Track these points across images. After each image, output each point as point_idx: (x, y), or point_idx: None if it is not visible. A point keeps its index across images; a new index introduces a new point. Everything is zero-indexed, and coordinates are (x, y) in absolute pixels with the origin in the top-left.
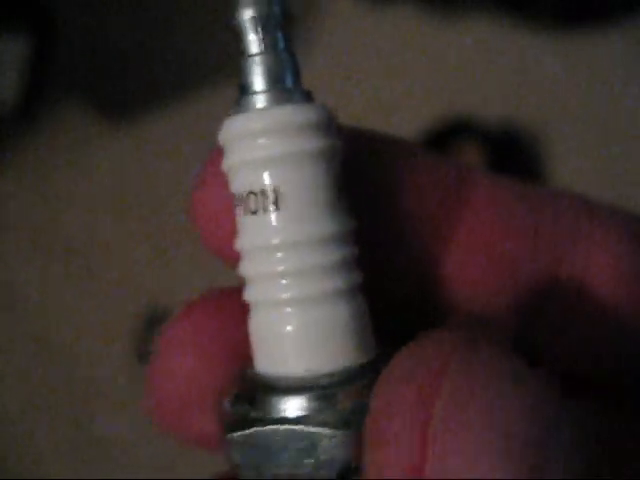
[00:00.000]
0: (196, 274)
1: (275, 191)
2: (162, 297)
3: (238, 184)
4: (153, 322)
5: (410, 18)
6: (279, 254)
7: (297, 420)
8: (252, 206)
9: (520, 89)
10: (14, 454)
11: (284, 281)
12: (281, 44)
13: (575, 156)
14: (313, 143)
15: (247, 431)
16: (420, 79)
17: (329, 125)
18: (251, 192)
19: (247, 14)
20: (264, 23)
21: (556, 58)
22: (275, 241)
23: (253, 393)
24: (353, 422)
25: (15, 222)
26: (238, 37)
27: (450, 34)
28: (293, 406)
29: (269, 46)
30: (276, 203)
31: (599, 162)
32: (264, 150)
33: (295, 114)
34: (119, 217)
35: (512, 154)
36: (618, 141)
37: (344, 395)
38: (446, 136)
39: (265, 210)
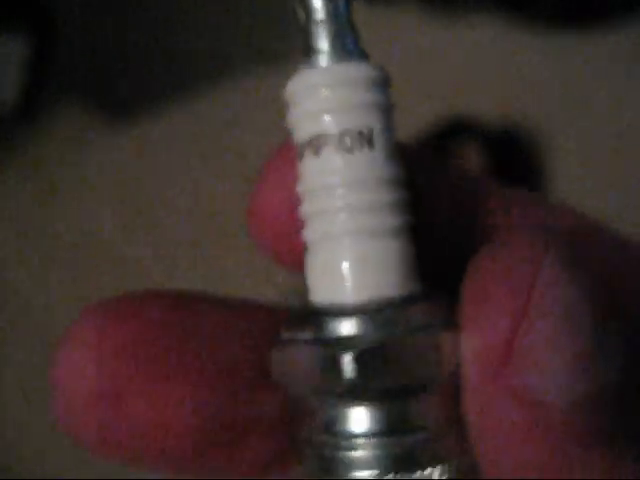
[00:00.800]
0: (196, 274)
1: (339, 135)
2: None
3: (305, 131)
4: None
5: (410, 18)
6: (339, 190)
7: (349, 340)
8: (316, 148)
9: (520, 89)
10: (14, 454)
11: (342, 216)
12: (343, 10)
13: (575, 156)
14: (377, 96)
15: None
16: (420, 79)
17: (386, 82)
18: (315, 136)
19: None
20: None
21: (556, 58)
22: (336, 180)
23: (310, 317)
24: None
25: (15, 222)
26: (302, 3)
27: (450, 34)
28: (347, 327)
29: (333, 13)
30: (339, 146)
31: (599, 162)
32: (331, 102)
33: (360, 70)
34: (119, 217)
35: (512, 154)
36: (618, 141)
37: (397, 316)
38: (446, 136)
39: (329, 152)
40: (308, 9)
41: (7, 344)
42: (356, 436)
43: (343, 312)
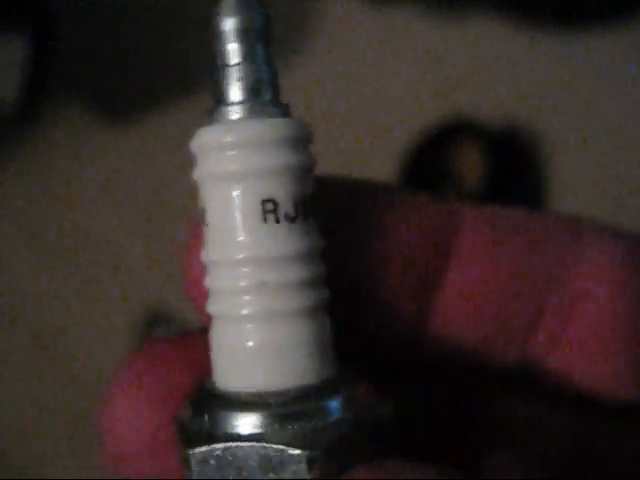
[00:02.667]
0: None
1: (248, 204)
2: (162, 297)
3: (206, 196)
4: (153, 321)
5: (410, 18)
6: (244, 269)
7: (253, 437)
8: (219, 217)
9: (520, 89)
10: (14, 454)
11: (246, 297)
12: (261, 56)
13: (575, 156)
14: (285, 159)
15: (204, 448)
16: (420, 79)
17: (304, 141)
18: (220, 203)
19: (228, 23)
20: (245, 33)
21: (556, 58)
22: (240, 256)
23: (210, 407)
24: (308, 442)
25: (15, 221)
26: (216, 45)
27: (450, 34)
28: (249, 423)
29: (249, 57)
30: (243, 217)
31: (599, 162)
32: (235, 163)
33: (270, 128)
34: (119, 217)
35: (512, 154)
36: (618, 141)
37: (299, 414)
38: (446, 136)
39: (233, 222)
40: (221, 51)
41: (7, 344)
42: None
43: (245, 404)
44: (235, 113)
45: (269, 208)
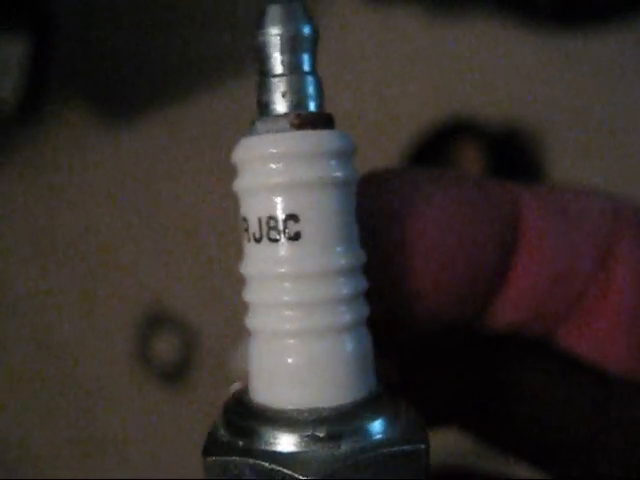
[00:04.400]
0: (196, 274)
1: (288, 219)
2: (163, 297)
3: (248, 208)
4: (154, 322)
5: (411, 18)
6: (287, 284)
7: (289, 456)
8: (262, 232)
9: (520, 89)
10: (14, 454)
11: (289, 312)
12: (306, 66)
13: (575, 156)
14: (331, 172)
15: (235, 458)
16: (420, 79)
17: (348, 154)
18: (263, 217)
19: (274, 32)
20: (291, 43)
21: (556, 58)
22: (283, 270)
23: (245, 422)
24: (347, 465)
25: (15, 222)
26: (261, 55)
27: (451, 34)
28: (285, 441)
29: (294, 67)
30: (287, 231)
31: (599, 162)
32: (281, 176)
33: (316, 140)
34: (119, 217)
35: (512, 154)
36: (618, 141)
37: (336, 436)
38: (446, 136)
39: (276, 237)
40: (266, 61)
41: (7, 344)
42: None
43: (283, 421)
44: (280, 125)
45: (313, 222)
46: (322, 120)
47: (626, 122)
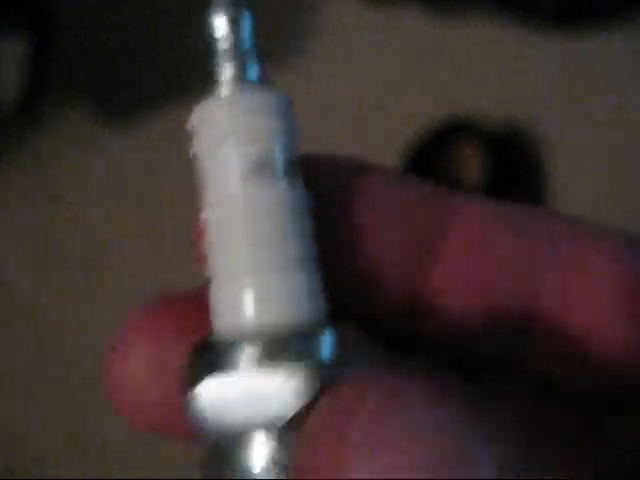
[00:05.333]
0: (196, 274)
1: (242, 163)
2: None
3: (204, 161)
4: None
5: (410, 18)
6: (239, 223)
7: (249, 371)
8: (216, 178)
9: (520, 89)
10: (14, 454)
11: (242, 250)
12: (247, 43)
13: (575, 156)
14: (276, 123)
15: (201, 383)
16: (420, 79)
17: (288, 110)
18: (216, 165)
19: (219, 20)
20: (233, 26)
21: (556, 58)
22: (237, 209)
23: (209, 351)
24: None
25: (15, 221)
26: (210, 38)
27: (450, 34)
28: (246, 357)
29: (236, 45)
30: (238, 174)
31: (599, 162)
32: (228, 127)
33: (259, 98)
34: (119, 217)
35: (512, 154)
36: (618, 141)
37: (291, 353)
38: (446, 136)
39: (230, 182)
40: (212, 40)
41: (7, 344)
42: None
43: (235, 344)
44: (226, 91)
45: (263, 166)
46: (264, 82)
47: (626, 122)
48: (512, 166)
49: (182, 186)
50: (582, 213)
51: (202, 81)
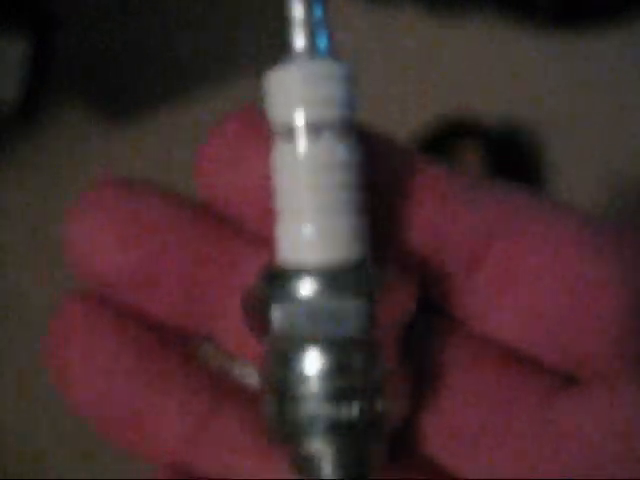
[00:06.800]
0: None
1: (308, 125)
2: None
3: (277, 120)
4: None
5: (410, 18)
6: (303, 174)
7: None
8: (287, 136)
9: (520, 89)
10: (14, 454)
11: (305, 194)
12: (319, 13)
13: (575, 156)
14: (339, 91)
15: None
16: (420, 79)
17: (353, 78)
18: (290, 128)
19: None
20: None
21: (556, 58)
22: (300, 164)
23: (276, 280)
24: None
25: (14, 221)
26: (286, 4)
27: (450, 34)
28: (308, 287)
29: (307, 14)
30: (309, 138)
31: (599, 162)
32: (297, 98)
33: (327, 67)
34: None
35: (512, 154)
36: (618, 141)
37: (358, 279)
38: (446, 136)
39: (298, 138)
40: (288, 12)
41: (7, 344)
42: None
43: (302, 274)
44: (299, 59)
45: (326, 126)
46: (332, 53)
47: (626, 122)
48: (512, 166)
49: (182, 186)
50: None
51: (202, 81)
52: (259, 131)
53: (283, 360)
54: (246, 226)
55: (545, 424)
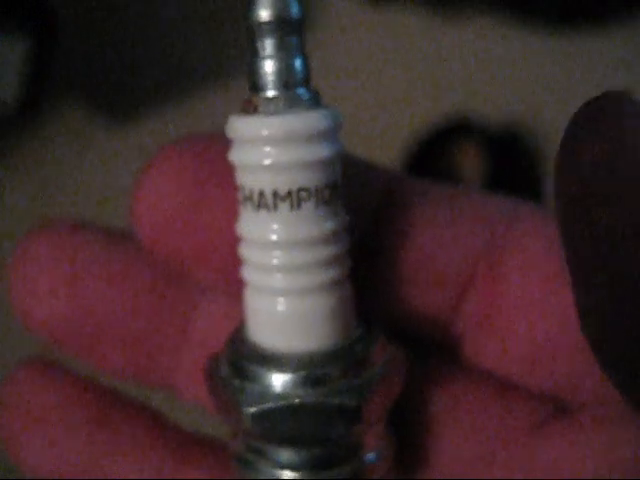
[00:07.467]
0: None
1: (276, 194)
2: None
3: (243, 181)
4: None
5: (411, 18)
6: (276, 251)
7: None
8: (254, 204)
9: (520, 89)
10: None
11: (279, 274)
12: (294, 48)
13: None
14: (320, 152)
15: (260, 407)
16: (420, 79)
17: (335, 132)
18: (254, 192)
19: (263, 16)
20: (280, 26)
21: (556, 58)
22: (273, 238)
23: (248, 364)
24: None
25: (15, 221)
26: (251, 37)
27: (450, 34)
28: (275, 382)
29: (282, 49)
30: (275, 205)
31: None
32: (270, 157)
33: (303, 121)
34: (119, 217)
35: (512, 154)
36: None
37: (332, 375)
38: (446, 136)
39: (266, 209)
40: (256, 43)
41: (7, 344)
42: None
43: (272, 362)
44: (271, 105)
45: (302, 196)
46: (308, 100)
47: None
48: (512, 166)
49: None
50: None
51: (202, 81)
52: (207, 169)
53: (257, 451)
54: (198, 279)
55: (533, 455)
